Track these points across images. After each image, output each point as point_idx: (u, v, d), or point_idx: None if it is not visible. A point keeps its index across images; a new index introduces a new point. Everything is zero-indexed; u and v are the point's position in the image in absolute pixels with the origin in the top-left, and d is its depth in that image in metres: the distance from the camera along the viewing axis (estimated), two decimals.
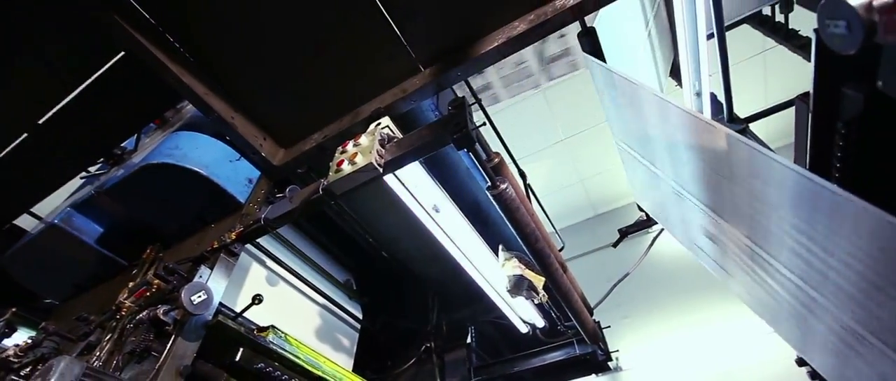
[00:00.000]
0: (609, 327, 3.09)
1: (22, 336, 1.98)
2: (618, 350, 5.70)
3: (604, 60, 2.06)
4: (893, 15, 0.68)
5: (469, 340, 3.38)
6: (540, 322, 3.13)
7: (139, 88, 2.01)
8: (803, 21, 2.99)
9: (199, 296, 1.51)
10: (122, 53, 1.87)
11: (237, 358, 1.66)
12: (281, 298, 2.53)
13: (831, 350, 1.48)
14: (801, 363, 2.47)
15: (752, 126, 2.98)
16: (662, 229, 2.94)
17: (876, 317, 1.14)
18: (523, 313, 3.05)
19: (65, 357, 1.19)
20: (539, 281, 2.32)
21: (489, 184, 1.77)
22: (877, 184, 1.30)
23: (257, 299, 1.76)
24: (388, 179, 2.00)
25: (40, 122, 2.01)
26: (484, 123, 2.83)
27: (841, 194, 0.99)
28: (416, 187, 2.15)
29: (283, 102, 1.97)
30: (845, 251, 1.10)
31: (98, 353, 1.57)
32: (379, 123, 1.72)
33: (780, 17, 3.22)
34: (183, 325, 1.51)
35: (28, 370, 1.70)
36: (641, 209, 3.29)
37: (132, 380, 1.38)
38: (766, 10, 3.36)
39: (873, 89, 0.86)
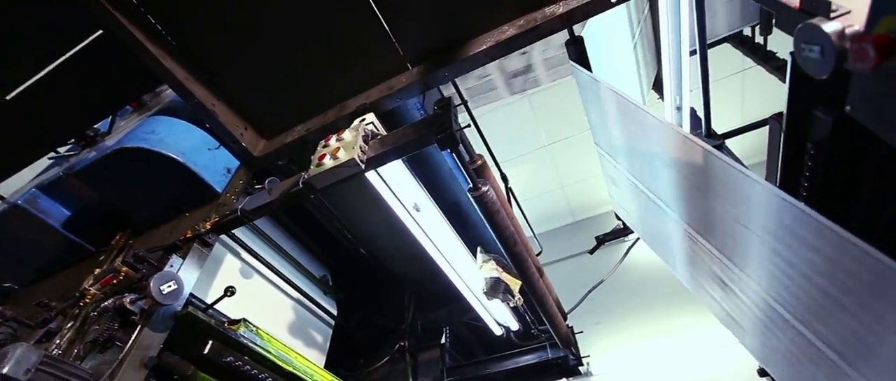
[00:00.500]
0: (581, 332, 3.14)
1: None
2: (589, 355, 5.79)
3: (590, 69, 2.09)
4: (863, 44, 0.72)
5: (443, 340, 3.38)
6: (514, 325, 3.15)
7: (117, 68, 1.95)
8: (781, 44, 3.10)
9: (169, 286, 1.47)
10: (101, 31, 1.81)
11: (206, 351, 1.62)
12: (255, 291, 2.49)
13: (791, 361, 1.54)
14: (762, 373, 2.55)
15: (729, 142, 3.07)
16: (638, 239, 3.00)
17: (835, 330, 1.19)
18: (498, 316, 3.07)
19: (22, 344, 1.14)
20: (515, 284, 2.34)
21: (471, 186, 1.78)
22: (841, 203, 1.36)
23: (230, 292, 1.72)
24: (370, 175, 1.98)
25: (8, 98, 1.93)
26: (469, 125, 2.84)
27: (807, 212, 1.03)
28: (397, 186, 2.14)
29: (267, 92, 1.93)
30: (808, 266, 1.14)
31: (58, 341, 1.51)
32: (363, 119, 1.71)
33: (759, 39, 3.33)
34: (150, 315, 1.46)
35: None
36: (619, 218, 3.35)
37: (93, 370, 1.33)
38: (747, 31, 3.47)
39: (841, 113, 0.90)
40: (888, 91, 0.77)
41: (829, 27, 0.81)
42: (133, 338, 1.40)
